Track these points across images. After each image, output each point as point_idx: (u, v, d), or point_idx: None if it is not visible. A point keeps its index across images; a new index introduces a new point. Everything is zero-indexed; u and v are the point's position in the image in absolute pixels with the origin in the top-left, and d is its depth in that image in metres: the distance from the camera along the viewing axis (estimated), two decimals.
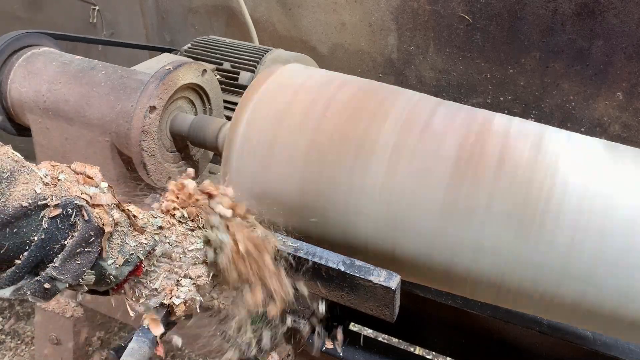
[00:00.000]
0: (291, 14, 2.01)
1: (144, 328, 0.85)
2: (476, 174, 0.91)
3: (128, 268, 0.79)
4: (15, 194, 0.68)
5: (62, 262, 0.71)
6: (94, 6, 2.41)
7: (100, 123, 1.19)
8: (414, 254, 0.97)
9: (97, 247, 0.74)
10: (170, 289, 0.85)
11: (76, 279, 0.73)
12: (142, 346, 0.83)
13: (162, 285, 0.84)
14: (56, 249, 0.71)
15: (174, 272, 0.86)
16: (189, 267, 0.87)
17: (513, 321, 1.29)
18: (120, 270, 0.78)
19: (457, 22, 1.74)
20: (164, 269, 0.85)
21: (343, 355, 1.32)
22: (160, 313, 0.86)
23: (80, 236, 0.72)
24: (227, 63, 1.51)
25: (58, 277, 0.71)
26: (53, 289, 0.72)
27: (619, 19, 1.53)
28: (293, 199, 1.00)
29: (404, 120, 0.96)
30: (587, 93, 1.68)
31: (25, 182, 0.70)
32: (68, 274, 0.72)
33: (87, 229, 0.72)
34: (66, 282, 0.72)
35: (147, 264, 0.82)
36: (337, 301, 0.99)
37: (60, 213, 0.71)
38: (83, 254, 0.72)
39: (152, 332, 0.84)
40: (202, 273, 0.89)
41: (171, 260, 0.85)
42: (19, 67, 1.28)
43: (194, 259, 0.88)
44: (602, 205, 0.87)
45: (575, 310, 0.93)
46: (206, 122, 1.18)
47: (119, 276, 0.79)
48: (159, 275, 0.84)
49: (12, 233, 0.68)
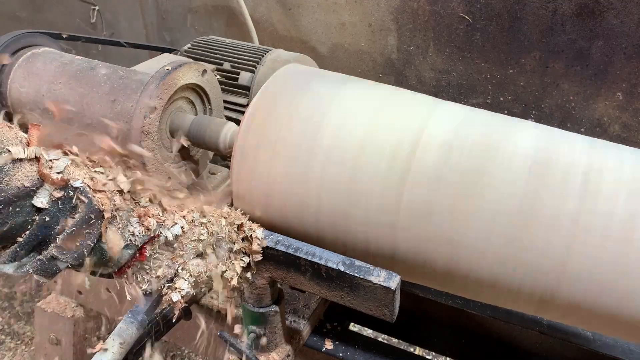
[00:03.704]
0: (291, 14, 2.01)
1: (134, 310, 0.87)
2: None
3: (128, 252, 0.81)
4: (19, 174, 0.70)
5: (62, 241, 0.73)
6: (94, 6, 2.41)
7: (100, 123, 1.19)
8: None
9: (97, 229, 0.76)
10: (170, 286, 0.86)
11: (77, 259, 0.75)
12: (129, 326, 0.86)
13: (163, 273, 0.86)
14: (57, 229, 0.73)
15: (175, 262, 0.87)
16: (190, 259, 0.89)
17: (513, 321, 1.29)
18: (121, 254, 0.80)
19: (457, 22, 1.74)
20: (167, 257, 0.86)
21: (343, 355, 1.32)
22: (151, 298, 0.88)
23: (81, 217, 0.74)
24: (227, 63, 1.51)
25: (59, 257, 0.73)
26: (54, 268, 0.73)
27: (619, 19, 1.53)
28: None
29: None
30: (587, 93, 1.68)
31: (29, 162, 0.72)
32: (69, 254, 0.73)
33: (88, 211, 0.74)
34: (66, 261, 0.74)
35: (150, 249, 0.84)
36: (337, 301, 0.99)
37: (63, 195, 0.72)
38: (83, 235, 0.74)
39: (141, 314, 0.87)
40: (201, 270, 0.90)
41: (173, 249, 0.87)
42: (19, 67, 1.28)
43: (195, 249, 0.89)
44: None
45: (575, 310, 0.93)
46: (206, 122, 1.18)
47: (119, 259, 0.81)
48: (161, 263, 0.86)
49: (14, 212, 0.70)
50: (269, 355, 1.20)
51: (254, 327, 1.16)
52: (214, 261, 0.92)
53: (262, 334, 1.16)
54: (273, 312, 1.13)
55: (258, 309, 1.12)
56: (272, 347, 1.20)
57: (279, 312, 1.15)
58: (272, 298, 1.13)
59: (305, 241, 1.00)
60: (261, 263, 1.01)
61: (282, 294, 1.18)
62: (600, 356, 1.23)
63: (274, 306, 1.13)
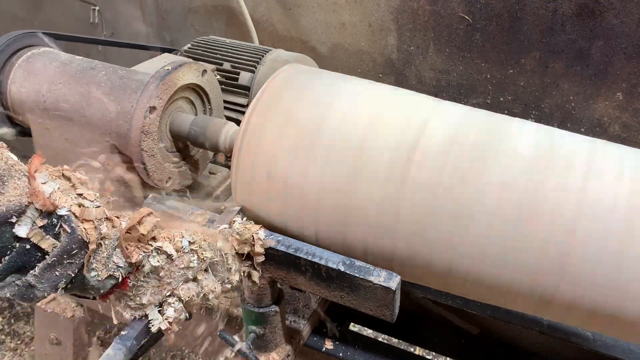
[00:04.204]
0: (291, 14, 2.01)
1: (123, 336, 0.84)
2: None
3: (111, 282, 0.79)
4: (2, 200, 0.68)
5: (41, 271, 0.71)
6: (94, 6, 2.41)
7: (100, 123, 1.19)
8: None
9: (79, 260, 0.73)
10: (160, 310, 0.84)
11: (54, 289, 0.72)
12: (117, 353, 0.82)
13: (148, 300, 0.83)
14: (38, 257, 0.71)
15: (162, 289, 0.85)
16: (179, 285, 0.86)
17: (513, 321, 1.29)
18: (102, 284, 0.78)
19: (457, 22, 1.74)
20: (152, 285, 0.84)
21: (343, 355, 1.32)
22: (142, 322, 0.85)
23: (62, 248, 0.71)
24: (227, 63, 1.51)
25: (36, 285, 0.71)
26: (32, 295, 0.71)
27: (619, 19, 1.53)
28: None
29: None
30: (587, 93, 1.68)
31: (14, 188, 0.69)
32: (46, 283, 0.71)
33: (70, 241, 0.72)
34: (44, 290, 0.72)
35: (133, 278, 0.82)
36: (337, 301, 0.99)
37: (46, 223, 0.71)
38: (64, 266, 0.72)
39: (130, 340, 0.83)
40: (193, 293, 0.88)
41: (160, 277, 0.84)
42: (19, 67, 1.28)
43: (184, 276, 0.87)
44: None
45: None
46: (206, 123, 1.18)
47: (100, 289, 0.78)
48: (146, 291, 0.83)
49: None
50: (269, 355, 1.20)
51: (254, 327, 1.16)
52: (209, 283, 0.90)
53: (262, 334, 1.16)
54: (273, 312, 1.13)
55: (258, 309, 1.12)
56: (272, 347, 1.20)
57: (279, 312, 1.15)
58: (272, 298, 1.13)
59: (305, 241, 1.00)
60: (261, 263, 1.01)
61: (282, 294, 1.18)
62: (600, 356, 1.23)
63: (274, 306, 1.13)
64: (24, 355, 2.27)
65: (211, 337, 1.35)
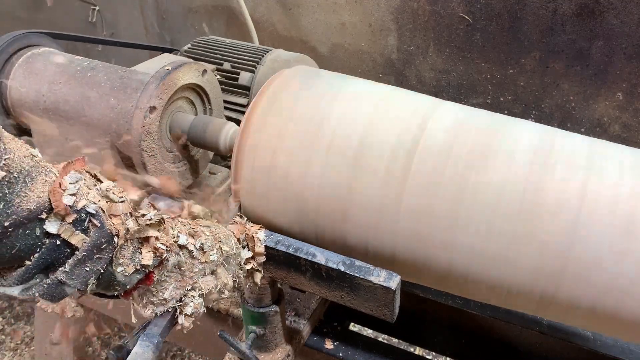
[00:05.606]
0: (291, 14, 2.01)
1: (149, 333, 0.84)
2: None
3: (137, 276, 0.79)
4: (31, 196, 0.67)
5: (72, 267, 0.71)
6: (94, 6, 2.41)
7: (100, 123, 1.19)
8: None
9: (108, 255, 0.73)
10: (179, 306, 0.85)
11: (84, 284, 0.72)
12: (145, 350, 0.82)
13: (171, 295, 0.84)
14: (67, 253, 0.71)
15: (184, 283, 0.85)
16: (199, 279, 0.87)
17: (513, 321, 1.29)
18: (129, 279, 0.78)
19: (457, 22, 1.74)
20: (175, 279, 0.84)
21: (343, 355, 1.32)
22: (165, 318, 0.85)
23: (92, 243, 0.71)
24: (227, 63, 1.51)
25: (67, 282, 0.71)
26: (61, 292, 0.71)
27: (619, 19, 1.53)
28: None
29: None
30: (587, 93, 1.68)
31: (43, 184, 0.69)
32: (77, 279, 0.71)
33: (99, 236, 0.72)
34: (74, 287, 0.71)
35: (158, 273, 0.82)
36: (337, 301, 0.99)
37: (75, 218, 0.71)
38: (93, 261, 0.72)
39: (156, 337, 0.83)
40: (212, 286, 0.88)
41: (182, 272, 0.85)
42: (19, 67, 1.28)
43: (204, 270, 0.88)
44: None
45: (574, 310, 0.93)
46: (206, 123, 1.18)
47: (127, 284, 0.79)
48: (169, 286, 0.84)
49: (24, 234, 0.67)
50: (269, 355, 1.21)
51: (254, 327, 1.16)
52: (224, 277, 0.91)
53: (262, 334, 1.16)
54: (273, 312, 1.13)
55: (258, 309, 1.13)
56: (272, 347, 1.20)
57: (279, 312, 1.15)
58: (272, 298, 1.13)
59: (305, 241, 1.01)
60: (262, 263, 1.01)
61: (282, 294, 1.18)
62: (600, 356, 1.23)
63: (274, 306, 1.13)
64: (24, 355, 2.27)
65: (211, 337, 1.35)
